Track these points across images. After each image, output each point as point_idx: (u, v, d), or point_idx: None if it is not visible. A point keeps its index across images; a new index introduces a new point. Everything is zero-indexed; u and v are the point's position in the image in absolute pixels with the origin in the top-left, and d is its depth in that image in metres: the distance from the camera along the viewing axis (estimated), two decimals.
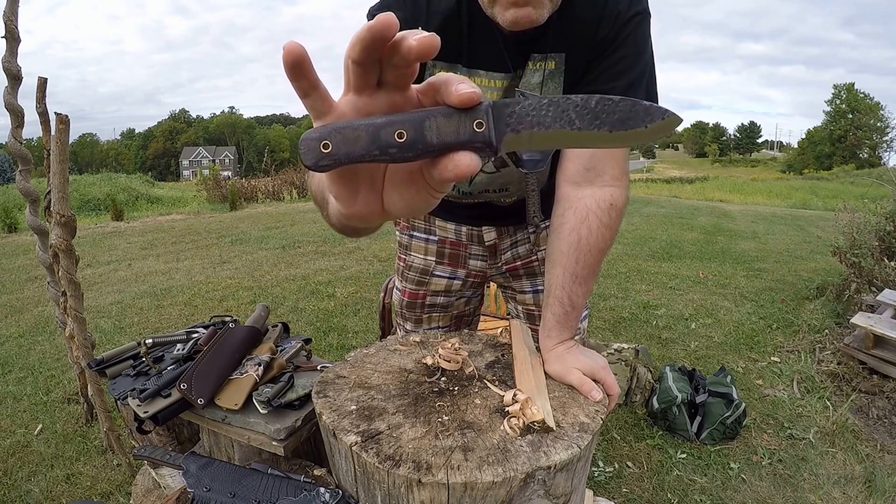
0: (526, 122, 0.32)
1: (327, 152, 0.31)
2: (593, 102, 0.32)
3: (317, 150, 0.32)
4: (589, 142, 0.33)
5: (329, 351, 3.03)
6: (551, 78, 0.89)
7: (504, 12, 0.78)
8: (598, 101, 0.32)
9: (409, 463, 0.62)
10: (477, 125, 0.31)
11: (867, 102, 47.08)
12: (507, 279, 1.22)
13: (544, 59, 0.88)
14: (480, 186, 1.04)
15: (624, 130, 0.32)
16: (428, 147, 0.31)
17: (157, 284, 4.45)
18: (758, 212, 10.48)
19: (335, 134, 0.31)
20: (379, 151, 0.31)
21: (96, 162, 65.68)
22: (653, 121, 0.32)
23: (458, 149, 0.31)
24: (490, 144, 0.32)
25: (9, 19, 1.77)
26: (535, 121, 0.32)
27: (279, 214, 8.72)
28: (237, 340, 1.03)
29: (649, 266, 5.08)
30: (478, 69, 0.89)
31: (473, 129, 0.31)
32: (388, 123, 0.31)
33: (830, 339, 3.07)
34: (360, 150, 0.31)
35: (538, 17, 0.79)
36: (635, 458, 2.05)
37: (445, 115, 0.31)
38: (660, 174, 40.90)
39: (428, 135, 0.31)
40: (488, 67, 0.89)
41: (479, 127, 0.31)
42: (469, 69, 0.89)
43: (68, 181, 1.77)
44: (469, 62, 0.88)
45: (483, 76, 0.89)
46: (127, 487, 1.80)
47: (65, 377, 2.66)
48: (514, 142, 0.33)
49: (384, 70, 0.32)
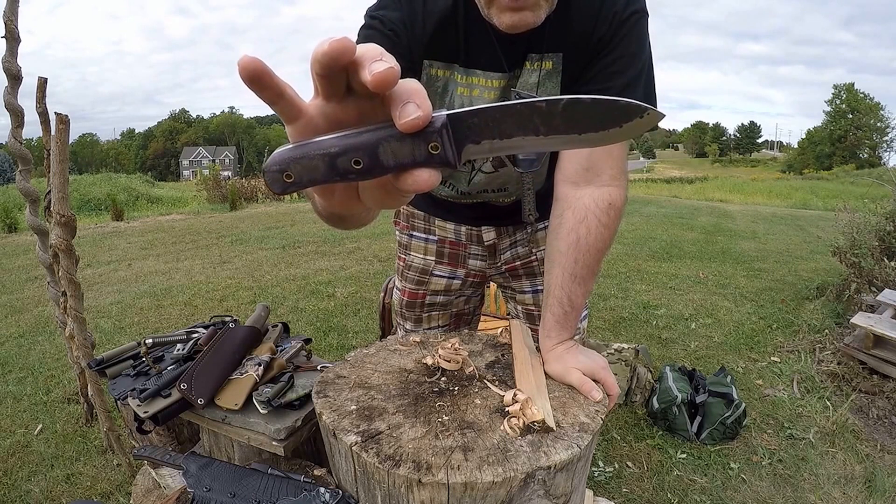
0: (486, 133, 0.31)
1: (290, 181, 0.32)
2: (560, 106, 0.30)
3: (280, 181, 0.32)
4: (557, 145, 0.32)
5: (329, 351, 3.03)
6: (549, 78, 0.89)
7: (501, 15, 0.78)
8: (565, 105, 0.30)
9: (409, 463, 0.62)
10: (432, 147, 0.31)
11: (867, 102, 47.08)
12: (506, 279, 1.22)
13: (541, 59, 0.88)
14: (479, 187, 1.04)
15: (595, 132, 0.31)
16: (386, 170, 0.31)
17: (157, 284, 4.45)
18: (758, 212, 10.48)
19: (294, 164, 0.31)
20: (339, 177, 0.32)
21: (96, 162, 65.73)
22: (629, 119, 0.31)
23: (419, 167, 0.31)
24: (448, 163, 0.31)
25: (9, 19, 1.77)
26: (495, 132, 0.31)
27: (279, 214, 8.72)
28: (237, 340, 1.03)
29: (649, 266, 5.08)
30: (475, 69, 0.89)
31: (429, 152, 0.31)
32: (342, 152, 0.31)
33: (830, 339, 3.07)
34: (321, 177, 0.32)
35: (535, 21, 0.79)
36: (635, 458, 2.05)
37: (398, 139, 0.30)
38: (660, 174, 40.91)
39: (384, 160, 0.31)
40: (485, 67, 0.88)
41: (435, 150, 0.31)
42: (466, 69, 0.89)
43: (68, 181, 1.77)
44: (466, 62, 0.88)
45: (480, 76, 0.89)
46: (127, 487, 1.80)
47: (65, 377, 2.66)
48: (475, 152, 0.32)
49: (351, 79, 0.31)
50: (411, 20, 0.84)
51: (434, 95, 0.90)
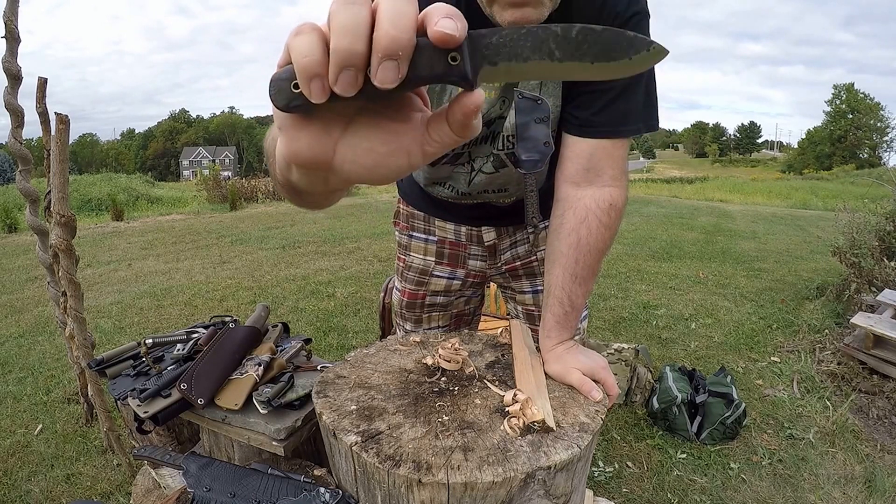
0: (503, 54, 0.31)
1: (298, 92, 0.30)
2: (574, 32, 0.30)
3: (287, 91, 0.30)
4: (570, 73, 0.32)
5: (329, 351, 3.03)
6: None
7: (502, 12, 0.78)
8: (578, 31, 0.30)
9: (409, 463, 0.62)
10: (451, 58, 0.30)
11: (867, 103, 47.08)
12: (506, 279, 1.22)
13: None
14: (479, 187, 1.04)
15: (606, 62, 0.31)
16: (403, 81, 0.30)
17: (158, 284, 4.45)
18: (758, 212, 10.48)
19: None
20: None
21: (96, 162, 65.74)
22: (637, 52, 0.31)
23: (435, 81, 0.30)
24: (465, 78, 0.30)
25: (9, 19, 1.77)
26: (512, 52, 0.31)
27: (279, 214, 8.72)
28: (237, 340, 1.03)
29: (649, 266, 5.08)
30: None
31: (448, 63, 0.30)
32: None
33: (830, 339, 3.07)
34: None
35: (538, 17, 0.78)
36: (635, 458, 2.05)
37: (419, 49, 0.29)
38: (660, 174, 40.90)
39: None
40: None
41: (454, 61, 0.30)
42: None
43: (68, 181, 1.77)
44: None
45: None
46: (127, 487, 1.80)
47: (65, 377, 2.66)
48: (491, 75, 0.31)
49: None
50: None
51: (432, 93, 0.89)
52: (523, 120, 0.85)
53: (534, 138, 0.85)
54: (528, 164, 0.88)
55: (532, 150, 0.86)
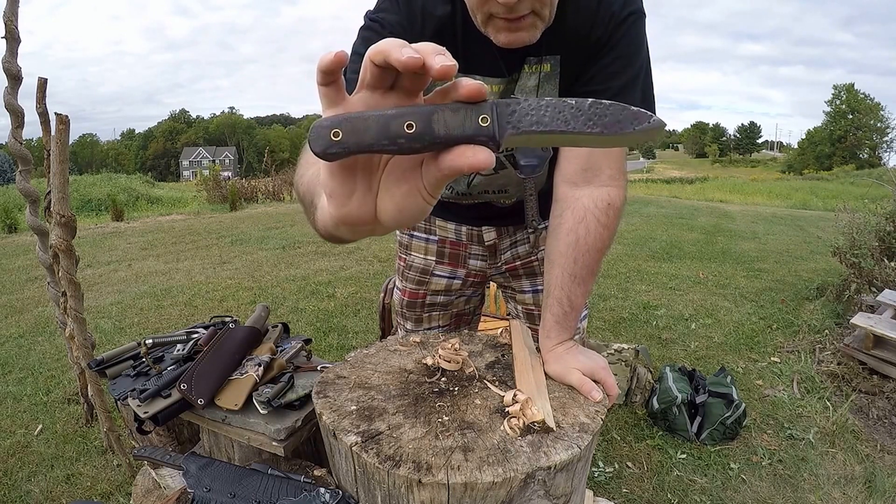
0: (526, 121, 0.34)
1: (337, 140, 0.32)
2: (587, 105, 0.34)
3: (327, 138, 0.32)
4: (582, 142, 0.35)
5: (329, 351, 3.03)
6: (547, 80, 0.89)
7: (497, 35, 0.79)
8: (591, 105, 0.34)
9: (409, 463, 0.62)
10: (482, 119, 0.33)
11: (867, 103, 47.09)
12: (506, 279, 1.22)
13: (539, 62, 0.88)
14: (479, 188, 1.04)
15: (613, 134, 0.34)
16: (435, 139, 0.33)
17: (158, 285, 4.45)
18: (758, 212, 10.48)
19: (346, 123, 0.32)
20: (388, 141, 0.32)
21: (96, 162, 65.73)
22: (640, 124, 0.34)
23: (464, 142, 0.33)
24: (493, 139, 0.33)
25: (9, 20, 1.77)
26: (534, 120, 0.34)
27: (279, 215, 8.72)
28: (237, 341, 1.03)
29: (649, 266, 5.08)
30: (474, 74, 0.89)
31: (478, 124, 0.33)
32: (398, 115, 0.32)
33: (830, 339, 3.07)
34: (369, 139, 0.32)
35: (530, 39, 0.79)
36: (635, 459, 2.05)
37: (452, 109, 0.33)
38: (660, 174, 40.89)
39: (436, 127, 0.32)
40: (484, 72, 0.88)
41: (484, 122, 0.33)
42: (465, 74, 0.89)
43: (68, 181, 1.77)
44: (465, 67, 0.88)
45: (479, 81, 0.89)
46: (127, 488, 1.80)
47: (65, 377, 2.66)
48: (515, 139, 0.34)
49: (400, 75, 0.34)
50: (410, 23, 0.84)
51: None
52: None
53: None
54: (527, 168, 0.90)
55: (530, 155, 0.88)
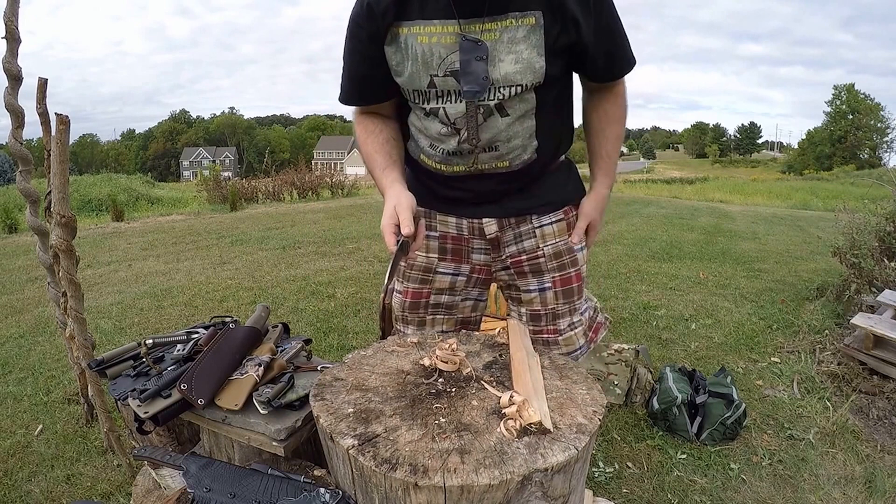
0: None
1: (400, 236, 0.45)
2: None
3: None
4: None
5: (329, 351, 3.03)
6: (532, 32, 0.97)
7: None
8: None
9: (405, 466, 0.62)
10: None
11: (867, 103, 47.03)
12: (511, 277, 1.21)
13: (524, 15, 0.97)
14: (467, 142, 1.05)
15: None
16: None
17: (158, 285, 4.45)
18: (758, 212, 10.47)
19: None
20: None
21: (97, 162, 65.74)
22: None
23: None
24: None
25: (9, 20, 1.77)
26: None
27: (279, 215, 8.72)
28: (237, 341, 1.04)
29: (649, 267, 5.08)
30: (433, 20, 0.98)
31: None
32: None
33: (830, 339, 3.07)
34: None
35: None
36: (635, 459, 2.05)
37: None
38: (660, 175, 40.83)
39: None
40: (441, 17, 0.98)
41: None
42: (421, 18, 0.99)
43: (69, 182, 1.77)
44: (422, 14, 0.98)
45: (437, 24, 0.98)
46: (127, 488, 1.80)
47: (65, 377, 2.66)
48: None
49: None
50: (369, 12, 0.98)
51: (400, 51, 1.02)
52: (466, 57, 0.98)
53: (475, 73, 0.99)
54: (468, 94, 1.01)
55: (473, 83, 1.00)
